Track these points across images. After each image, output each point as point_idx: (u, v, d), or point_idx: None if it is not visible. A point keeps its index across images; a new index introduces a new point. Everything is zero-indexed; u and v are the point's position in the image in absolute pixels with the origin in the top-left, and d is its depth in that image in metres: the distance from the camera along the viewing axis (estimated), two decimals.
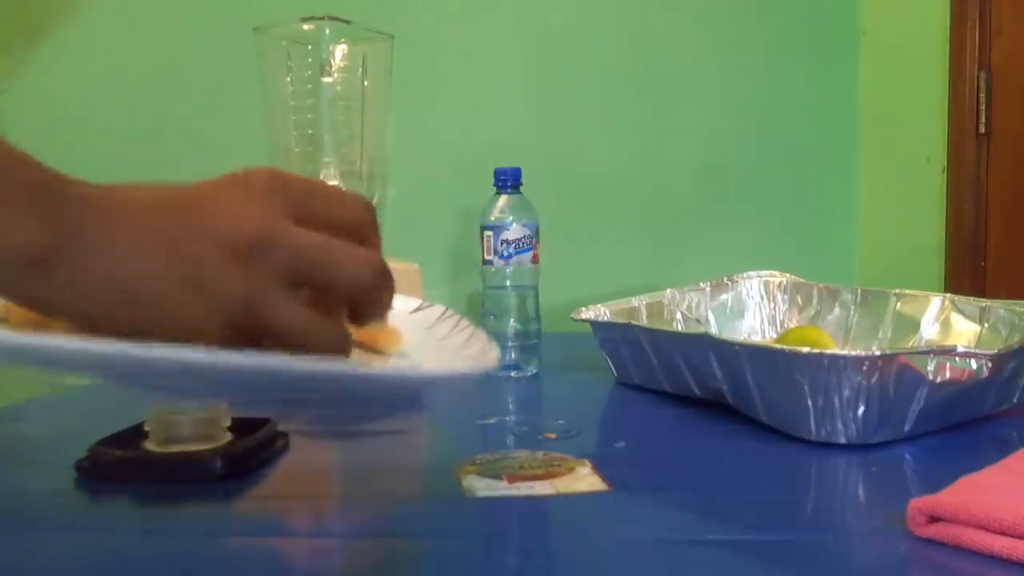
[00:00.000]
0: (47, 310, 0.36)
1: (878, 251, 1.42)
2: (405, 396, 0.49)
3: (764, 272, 1.11)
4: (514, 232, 0.97)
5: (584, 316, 0.96)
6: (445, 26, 1.32)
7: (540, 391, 0.95)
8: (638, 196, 1.38)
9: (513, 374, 0.99)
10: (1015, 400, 0.78)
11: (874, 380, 0.67)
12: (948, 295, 0.94)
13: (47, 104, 1.15)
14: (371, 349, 0.45)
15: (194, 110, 1.13)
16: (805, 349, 0.68)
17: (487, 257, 0.99)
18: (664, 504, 0.59)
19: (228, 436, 0.67)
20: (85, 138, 1.11)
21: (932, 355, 0.68)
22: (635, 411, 0.85)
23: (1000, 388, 0.74)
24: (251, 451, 0.67)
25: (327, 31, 0.98)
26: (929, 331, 0.93)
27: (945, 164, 1.24)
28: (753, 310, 1.09)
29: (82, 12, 1.09)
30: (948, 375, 0.68)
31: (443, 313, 0.53)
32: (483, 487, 0.61)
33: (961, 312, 0.91)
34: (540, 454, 0.69)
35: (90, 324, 0.35)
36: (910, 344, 0.93)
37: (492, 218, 0.98)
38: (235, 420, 0.68)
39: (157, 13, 1.22)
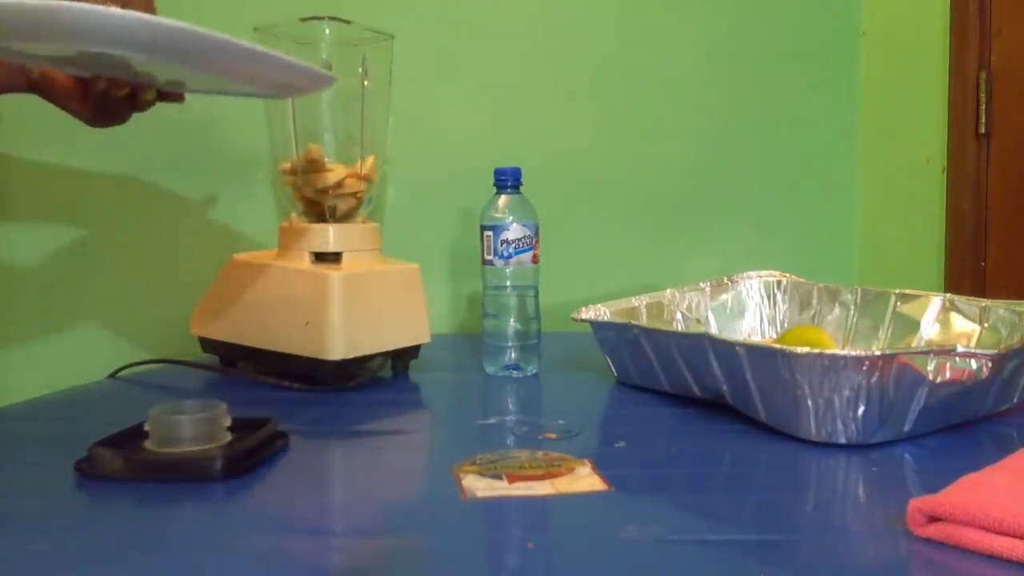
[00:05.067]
0: None
1: (878, 251, 1.42)
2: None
3: (764, 272, 1.11)
4: (514, 232, 0.97)
5: (584, 316, 0.96)
6: (445, 26, 1.32)
7: (540, 391, 0.95)
8: (638, 196, 1.38)
9: (513, 374, 0.99)
10: (1015, 400, 0.78)
11: (874, 380, 0.67)
12: (948, 295, 0.94)
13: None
14: None
15: (194, 109, 1.13)
16: (805, 349, 0.68)
17: (487, 257, 0.99)
18: (664, 504, 0.59)
19: (228, 436, 0.67)
20: (87, 139, 1.11)
21: (932, 355, 0.68)
22: (635, 411, 0.85)
23: (1000, 388, 0.75)
24: (251, 451, 0.67)
25: (327, 31, 0.98)
26: (929, 331, 0.93)
27: (945, 164, 1.24)
28: (753, 310, 1.09)
29: None
30: (948, 375, 0.68)
31: None
32: (483, 487, 0.61)
33: (961, 312, 0.91)
34: (540, 454, 0.69)
35: None
36: (910, 344, 0.93)
37: (492, 218, 0.98)
38: (235, 420, 0.68)
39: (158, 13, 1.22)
